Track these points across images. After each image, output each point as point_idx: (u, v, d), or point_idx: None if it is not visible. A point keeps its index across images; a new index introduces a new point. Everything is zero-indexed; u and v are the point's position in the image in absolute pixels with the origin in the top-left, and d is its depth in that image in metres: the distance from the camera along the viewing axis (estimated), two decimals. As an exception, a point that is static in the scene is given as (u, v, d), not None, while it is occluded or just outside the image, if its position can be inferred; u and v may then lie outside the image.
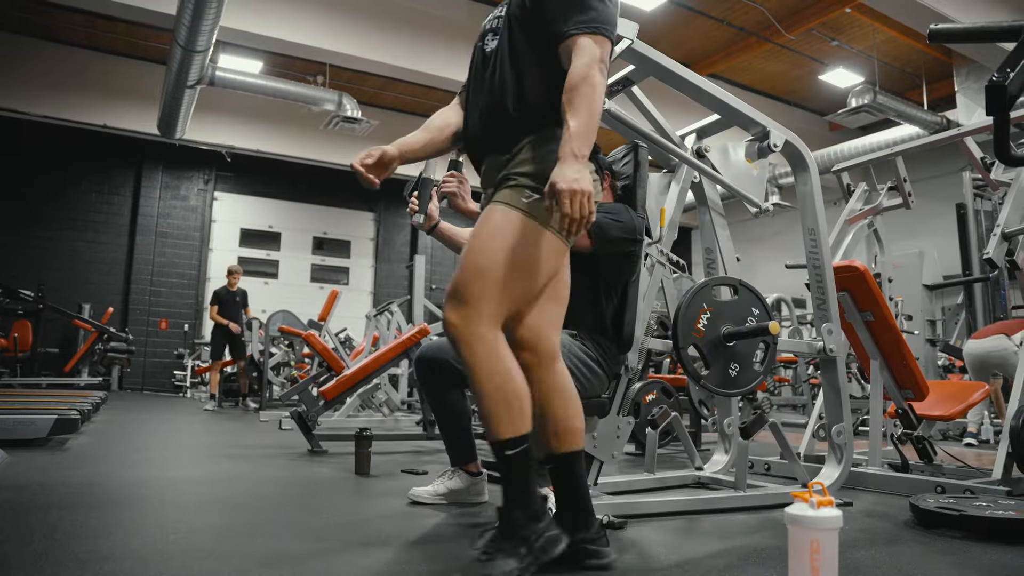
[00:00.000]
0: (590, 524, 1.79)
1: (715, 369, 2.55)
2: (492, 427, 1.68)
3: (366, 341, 8.30)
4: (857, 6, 8.95)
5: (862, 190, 4.49)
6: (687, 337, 2.50)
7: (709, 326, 2.54)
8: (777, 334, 2.57)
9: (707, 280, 2.61)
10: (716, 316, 2.56)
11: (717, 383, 2.56)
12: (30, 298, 10.26)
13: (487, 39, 1.98)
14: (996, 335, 5.47)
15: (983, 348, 5.55)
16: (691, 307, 2.53)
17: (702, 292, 2.57)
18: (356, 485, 3.16)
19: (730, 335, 2.55)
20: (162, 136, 10.75)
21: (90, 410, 5.15)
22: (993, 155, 1.58)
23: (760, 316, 2.64)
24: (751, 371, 2.60)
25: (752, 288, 2.69)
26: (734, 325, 2.58)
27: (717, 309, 2.57)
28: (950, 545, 2.16)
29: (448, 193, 2.45)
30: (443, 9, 9.57)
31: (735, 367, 2.58)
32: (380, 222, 14.97)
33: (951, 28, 2.07)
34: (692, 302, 2.53)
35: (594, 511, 1.84)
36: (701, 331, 2.53)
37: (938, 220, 10.71)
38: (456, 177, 2.43)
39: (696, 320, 2.52)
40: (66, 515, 2.26)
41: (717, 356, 2.55)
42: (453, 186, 2.44)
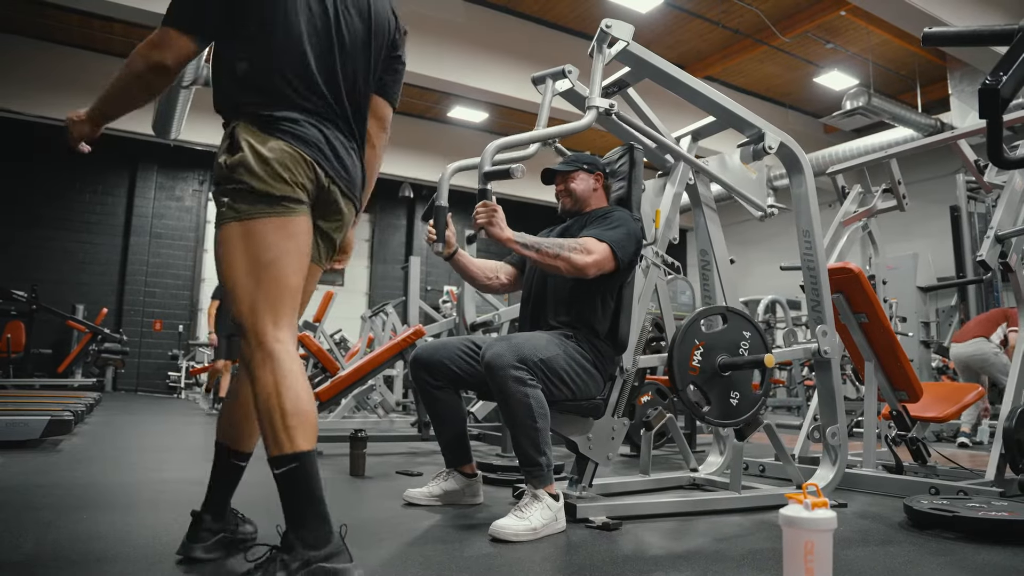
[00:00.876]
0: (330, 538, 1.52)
1: (716, 402, 2.54)
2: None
3: (361, 342, 8.30)
4: (852, 9, 8.97)
5: (857, 192, 4.50)
6: (684, 377, 2.49)
7: (704, 361, 2.52)
8: (773, 367, 2.57)
9: (694, 315, 2.57)
10: (709, 349, 2.54)
11: (720, 416, 2.55)
12: (23, 298, 10.22)
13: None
14: (975, 339, 5.51)
15: (965, 352, 5.59)
16: (683, 346, 2.50)
17: (691, 328, 2.53)
18: (351, 486, 3.15)
19: (726, 366, 2.54)
20: (157, 137, 10.74)
21: (84, 411, 5.14)
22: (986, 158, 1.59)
23: (752, 338, 2.62)
24: (751, 396, 2.60)
25: (740, 312, 2.68)
26: (728, 354, 2.57)
27: (709, 342, 2.55)
28: (944, 546, 2.17)
29: (483, 225, 2.36)
30: (439, 11, 9.57)
31: (735, 396, 2.57)
32: (375, 223, 14.97)
33: (945, 32, 2.07)
34: (683, 341, 2.51)
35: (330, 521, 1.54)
36: (697, 368, 2.51)
37: (932, 222, 10.75)
38: (487, 207, 2.34)
39: (690, 358, 2.50)
40: (59, 517, 2.25)
41: (716, 388, 2.54)
42: (485, 217, 2.35)
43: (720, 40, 10.58)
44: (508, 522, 2.14)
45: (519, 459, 2.31)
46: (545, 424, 2.27)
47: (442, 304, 9.49)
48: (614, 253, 2.45)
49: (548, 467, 2.28)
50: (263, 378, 1.56)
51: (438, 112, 13.04)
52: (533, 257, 2.39)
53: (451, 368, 2.55)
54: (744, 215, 3.13)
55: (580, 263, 2.39)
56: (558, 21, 10.26)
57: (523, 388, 2.23)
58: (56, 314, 10.62)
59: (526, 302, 2.74)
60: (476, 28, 9.85)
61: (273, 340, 1.60)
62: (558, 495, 2.28)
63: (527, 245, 2.38)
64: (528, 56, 9.91)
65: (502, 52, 9.99)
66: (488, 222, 2.34)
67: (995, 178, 3.75)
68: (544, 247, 2.38)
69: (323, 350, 6.97)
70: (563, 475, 2.84)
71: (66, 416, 4.16)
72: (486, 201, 2.32)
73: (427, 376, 2.58)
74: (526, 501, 2.22)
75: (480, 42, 9.88)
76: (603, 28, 2.52)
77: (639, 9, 9.33)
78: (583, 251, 2.41)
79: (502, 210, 2.37)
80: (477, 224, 2.35)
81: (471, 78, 9.86)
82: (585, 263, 2.40)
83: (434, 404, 2.62)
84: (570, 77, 2.71)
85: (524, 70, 8.43)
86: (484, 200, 2.32)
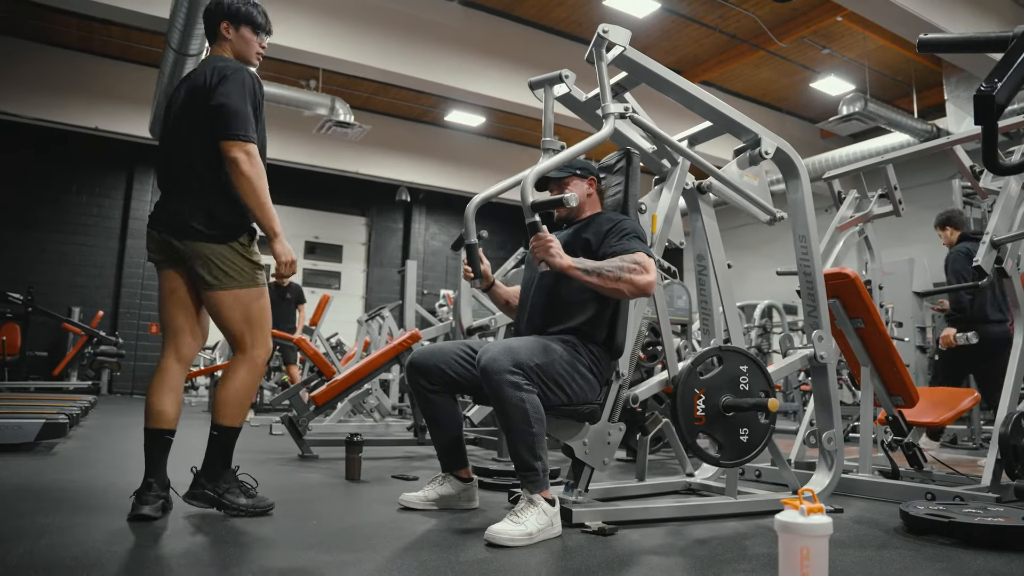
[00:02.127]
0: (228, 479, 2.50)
1: (728, 444, 2.53)
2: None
3: (357, 346, 8.29)
4: (848, 15, 8.99)
5: (853, 197, 4.51)
6: (692, 430, 2.48)
7: (708, 407, 2.51)
8: (776, 410, 2.55)
9: (689, 365, 2.53)
10: (711, 394, 2.53)
11: (735, 456, 2.55)
12: (19, 301, 10.19)
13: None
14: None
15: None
16: (684, 399, 2.48)
17: (689, 380, 2.51)
18: (346, 490, 3.15)
19: (730, 407, 2.53)
20: (154, 139, 10.72)
21: (79, 414, 5.13)
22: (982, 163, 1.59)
23: (750, 370, 2.61)
24: (760, 427, 2.59)
25: (733, 348, 2.66)
26: (730, 392, 2.56)
27: (709, 387, 2.53)
28: (940, 551, 2.17)
29: (543, 259, 2.25)
30: (436, 14, 9.58)
31: (744, 432, 2.56)
32: (372, 227, 14.96)
33: (941, 38, 2.07)
34: (684, 394, 2.48)
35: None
36: (702, 417, 2.50)
37: (928, 227, 10.68)
38: (541, 239, 2.24)
39: (694, 409, 2.49)
40: (54, 520, 2.24)
41: (724, 429, 2.53)
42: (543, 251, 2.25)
43: (717, 45, 10.61)
44: (504, 527, 2.13)
45: (515, 464, 2.31)
46: (541, 429, 2.27)
47: (438, 308, 9.48)
48: (656, 264, 2.47)
49: (544, 472, 2.28)
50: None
51: (435, 116, 13.04)
52: (594, 283, 2.33)
53: (447, 372, 2.55)
54: (740, 220, 3.13)
55: (642, 283, 2.36)
56: (555, 26, 10.27)
57: (519, 393, 2.23)
58: (52, 316, 10.59)
59: (523, 307, 2.73)
60: (473, 32, 9.86)
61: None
62: (554, 500, 2.28)
63: (588, 271, 2.32)
64: (525, 60, 9.92)
65: (499, 56, 10.00)
66: (547, 255, 2.26)
67: (991, 184, 3.76)
68: (605, 271, 2.33)
69: (319, 354, 6.95)
70: (559, 480, 2.84)
71: (61, 419, 4.15)
72: (539, 234, 2.24)
73: (423, 380, 2.58)
74: (522, 506, 2.22)
75: (477, 46, 9.89)
76: (600, 33, 2.52)
77: (636, 14, 9.35)
78: (641, 270, 2.37)
79: (557, 239, 2.29)
80: (538, 259, 2.26)
81: (468, 82, 9.87)
82: (648, 282, 2.37)
83: (430, 408, 2.62)
84: (567, 82, 2.71)
85: (521, 74, 8.45)
86: (537, 233, 2.24)
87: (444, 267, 15.45)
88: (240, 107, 2.37)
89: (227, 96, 2.37)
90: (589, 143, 2.39)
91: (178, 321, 2.53)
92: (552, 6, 9.78)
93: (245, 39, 2.57)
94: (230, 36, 2.56)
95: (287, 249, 2.45)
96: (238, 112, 2.36)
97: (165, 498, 2.40)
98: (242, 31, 2.57)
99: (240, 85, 2.39)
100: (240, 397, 2.51)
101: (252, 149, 2.36)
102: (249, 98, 2.41)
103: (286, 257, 2.45)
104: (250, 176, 2.35)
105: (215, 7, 2.56)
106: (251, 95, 2.42)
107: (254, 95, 2.44)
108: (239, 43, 2.57)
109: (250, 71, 2.50)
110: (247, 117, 2.37)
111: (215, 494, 2.45)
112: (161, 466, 2.43)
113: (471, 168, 13.77)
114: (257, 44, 2.61)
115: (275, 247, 2.44)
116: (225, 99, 2.36)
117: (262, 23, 2.61)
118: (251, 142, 2.36)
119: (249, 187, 2.36)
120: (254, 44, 2.60)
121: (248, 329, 2.49)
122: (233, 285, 2.44)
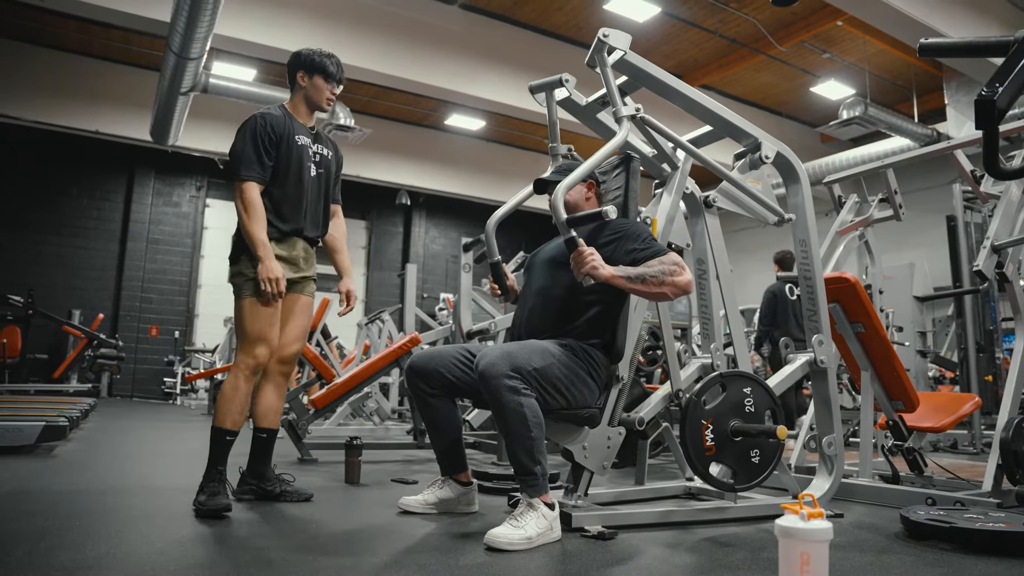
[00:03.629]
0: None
1: (740, 469, 2.52)
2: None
3: (357, 349, 8.28)
4: (848, 19, 9.01)
5: (853, 202, 4.51)
6: (703, 460, 2.47)
7: (716, 435, 2.50)
8: (784, 438, 2.52)
9: (694, 397, 2.51)
10: (718, 422, 2.51)
11: (748, 479, 2.54)
12: (20, 303, 10.21)
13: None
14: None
15: None
16: (693, 432, 2.47)
17: (695, 413, 2.49)
18: (346, 494, 3.14)
19: (738, 432, 2.52)
20: (155, 142, 10.74)
21: (79, 417, 5.12)
22: (982, 168, 1.59)
23: (754, 392, 2.60)
24: (770, 446, 2.58)
25: (735, 373, 2.65)
26: (738, 417, 2.55)
27: (716, 415, 2.52)
28: (940, 557, 2.16)
29: (588, 272, 2.22)
30: (436, 18, 9.60)
31: (755, 453, 2.55)
32: (372, 230, 14.97)
33: (941, 43, 2.07)
34: (692, 428, 2.46)
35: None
36: (712, 447, 2.49)
37: (928, 232, 10.76)
38: (581, 254, 2.21)
39: (703, 440, 2.47)
40: (52, 523, 2.24)
41: (735, 454, 2.52)
42: (587, 265, 2.22)
43: (717, 49, 10.62)
44: (503, 531, 2.13)
45: (514, 468, 2.30)
46: (540, 433, 2.26)
47: (438, 312, 9.49)
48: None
49: (543, 476, 2.27)
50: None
51: (435, 120, 13.06)
52: (639, 288, 2.33)
53: (446, 376, 2.55)
54: (740, 224, 3.13)
55: (683, 282, 2.36)
56: (556, 30, 10.29)
57: (517, 398, 2.23)
58: (52, 319, 10.61)
59: (521, 310, 2.73)
60: (473, 36, 9.88)
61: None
62: (554, 504, 2.27)
63: (631, 278, 2.31)
64: (526, 64, 9.94)
65: (500, 60, 10.02)
66: (591, 269, 2.23)
67: (991, 188, 3.76)
68: (648, 277, 2.32)
69: (319, 357, 6.96)
70: (558, 484, 2.83)
71: (61, 422, 4.15)
72: (580, 249, 2.23)
73: (422, 384, 2.58)
74: (521, 510, 2.21)
75: (478, 50, 9.91)
76: (600, 37, 2.52)
77: (636, 18, 9.37)
78: (680, 270, 2.37)
79: (596, 251, 2.27)
80: (583, 273, 2.23)
81: (468, 86, 9.89)
82: (688, 280, 2.37)
83: (429, 412, 2.61)
84: (567, 86, 2.71)
85: (521, 78, 8.46)
86: (577, 249, 2.23)
87: (444, 271, 15.46)
88: (238, 150, 2.77)
89: (233, 143, 2.82)
90: (608, 150, 2.37)
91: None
92: (552, 10, 9.79)
93: (317, 87, 2.93)
94: (304, 84, 2.93)
95: (268, 267, 2.68)
96: (234, 155, 2.78)
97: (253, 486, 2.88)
98: (315, 80, 2.92)
99: (242, 131, 2.81)
100: (221, 401, 2.76)
101: (243, 186, 2.73)
102: (250, 138, 2.78)
103: (264, 274, 2.67)
104: (238, 209, 2.75)
105: (294, 58, 2.94)
106: (253, 135, 2.79)
107: (255, 134, 2.79)
108: (312, 90, 2.94)
109: (261, 114, 2.84)
110: (241, 158, 2.75)
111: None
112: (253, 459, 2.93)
113: (471, 172, 13.78)
114: (328, 91, 2.96)
115: (258, 268, 2.69)
116: (232, 146, 2.81)
117: (333, 72, 2.94)
118: (242, 180, 2.73)
119: (240, 218, 2.75)
120: (324, 91, 2.95)
121: (238, 336, 2.80)
122: (237, 295, 2.79)
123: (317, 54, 2.92)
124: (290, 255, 2.87)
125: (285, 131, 2.85)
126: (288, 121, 2.88)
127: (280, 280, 2.68)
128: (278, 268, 2.70)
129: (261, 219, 2.72)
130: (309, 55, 2.92)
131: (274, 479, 2.89)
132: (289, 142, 2.84)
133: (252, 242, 2.69)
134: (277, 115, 2.87)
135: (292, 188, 2.85)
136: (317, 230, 2.99)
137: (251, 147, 2.76)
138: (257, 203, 2.73)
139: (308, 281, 2.99)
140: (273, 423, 2.92)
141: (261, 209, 2.74)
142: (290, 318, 2.91)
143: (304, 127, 2.94)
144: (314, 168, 2.93)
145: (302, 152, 2.88)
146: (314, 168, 2.93)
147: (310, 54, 2.92)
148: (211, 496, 2.54)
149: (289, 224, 2.85)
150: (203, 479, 2.62)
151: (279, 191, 2.83)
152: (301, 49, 2.96)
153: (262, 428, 2.90)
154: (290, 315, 2.91)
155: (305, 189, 2.89)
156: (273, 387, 2.92)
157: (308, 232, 2.92)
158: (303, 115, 2.96)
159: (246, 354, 2.74)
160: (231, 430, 2.73)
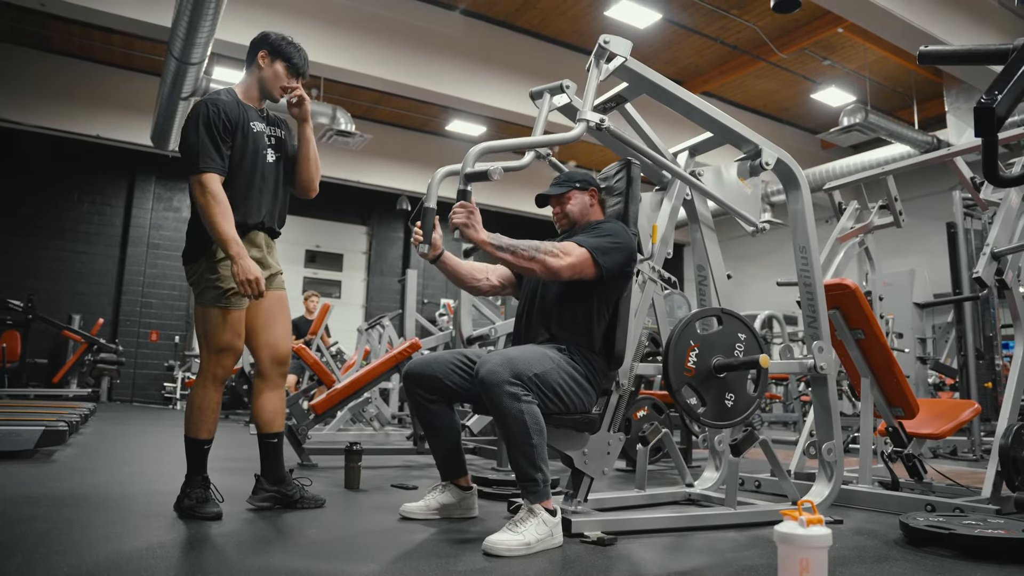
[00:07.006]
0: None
1: (711, 403, 2.54)
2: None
3: (357, 355, 8.28)
4: (849, 26, 9.03)
5: (853, 208, 4.52)
6: (679, 378, 2.49)
7: (699, 362, 2.52)
8: (767, 367, 2.55)
9: (689, 316, 2.58)
10: (704, 350, 2.54)
11: (714, 416, 2.55)
12: (19, 308, 10.20)
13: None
14: None
15: None
16: (678, 347, 2.50)
17: (687, 330, 2.54)
18: (346, 499, 3.14)
19: (720, 367, 2.54)
20: (156, 148, 10.74)
21: (78, 422, 5.11)
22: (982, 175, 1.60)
23: (747, 340, 2.62)
24: (746, 397, 2.60)
25: (735, 315, 2.68)
26: (723, 355, 2.57)
27: (704, 343, 2.55)
28: (940, 563, 2.16)
29: (459, 224, 2.32)
30: (437, 24, 9.62)
31: (730, 396, 2.57)
32: (373, 235, 14.97)
33: (941, 50, 2.08)
34: (679, 342, 2.51)
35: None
36: (692, 369, 2.51)
37: (928, 239, 10.77)
38: (465, 207, 2.31)
39: (685, 359, 2.50)
40: (52, 528, 2.24)
41: (711, 389, 2.53)
42: (463, 217, 2.31)
43: (718, 56, 10.64)
44: (502, 537, 2.13)
45: (515, 474, 2.30)
46: (541, 439, 2.26)
47: (439, 317, 9.49)
48: (594, 259, 2.44)
49: (544, 482, 2.27)
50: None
51: (436, 125, 13.08)
52: (508, 259, 2.36)
53: (444, 382, 2.55)
54: (740, 230, 3.14)
55: (555, 265, 2.39)
56: (557, 36, 10.31)
57: (518, 404, 2.23)
58: (52, 324, 10.60)
59: (521, 315, 2.74)
60: (475, 42, 9.90)
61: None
62: (555, 510, 2.27)
63: (502, 247, 2.34)
64: (527, 71, 9.95)
65: (501, 66, 10.03)
66: (465, 223, 2.31)
67: (991, 195, 3.77)
68: (519, 249, 2.35)
69: (319, 362, 6.96)
70: (558, 490, 2.83)
71: (61, 427, 4.14)
72: (464, 202, 2.30)
73: (420, 390, 2.58)
74: (521, 516, 2.21)
75: (479, 56, 9.92)
76: (601, 44, 2.53)
77: (637, 25, 9.39)
78: (560, 254, 2.40)
79: (479, 212, 2.34)
80: (454, 224, 2.32)
81: (470, 92, 9.90)
82: (560, 265, 2.39)
83: (428, 418, 2.62)
84: (568, 92, 2.72)
85: (523, 84, 8.47)
86: (463, 201, 2.30)
87: (444, 277, 15.44)
88: (192, 141, 2.57)
89: (183, 135, 2.63)
90: (552, 139, 2.45)
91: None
92: (554, 16, 9.81)
93: (277, 74, 2.75)
94: (263, 66, 2.74)
95: (244, 267, 2.49)
96: (189, 147, 2.58)
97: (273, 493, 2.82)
98: (276, 65, 2.74)
99: (193, 121, 2.59)
100: (193, 412, 2.71)
101: (203, 179, 2.53)
102: (204, 128, 2.57)
103: (242, 275, 2.49)
104: (199, 204, 2.54)
105: (260, 38, 2.77)
106: (207, 124, 2.57)
107: (208, 123, 2.57)
108: (270, 76, 2.75)
109: (211, 100, 2.64)
110: (198, 149, 2.55)
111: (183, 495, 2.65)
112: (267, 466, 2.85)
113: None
114: (286, 81, 2.76)
115: (232, 268, 2.51)
116: (182, 138, 2.63)
117: (298, 63, 2.78)
118: (200, 173, 2.54)
119: (201, 213, 2.55)
120: (282, 80, 2.75)
121: (203, 344, 2.68)
122: (199, 299, 2.68)
123: (286, 41, 2.76)
124: (260, 255, 2.73)
125: (239, 119, 2.66)
126: (240, 108, 2.69)
127: (260, 280, 2.50)
128: (255, 267, 2.52)
129: (228, 214, 2.53)
130: (278, 39, 2.75)
131: (293, 484, 2.84)
132: (244, 130, 2.67)
133: (222, 240, 2.50)
134: (228, 101, 2.67)
135: (250, 179, 2.68)
136: (277, 221, 2.85)
137: (207, 137, 2.56)
138: (222, 196, 2.53)
139: (276, 276, 2.86)
140: (280, 426, 2.87)
141: (227, 202, 2.54)
142: (273, 317, 2.80)
143: (256, 112, 2.76)
144: (271, 153, 2.76)
145: (258, 140, 2.71)
146: (271, 153, 2.76)
147: (279, 38, 2.75)
148: (200, 503, 2.54)
149: (251, 218, 2.69)
150: (185, 485, 2.61)
151: (237, 183, 2.64)
152: (270, 31, 2.79)
153: (271, 433, 2.84)
154: (272, 314, 2.80)
155: (265, 179, 2.73)
156: (273, 389, 2.84)
157: (268, 223, 2.78)
158: (254, 100, 2.78)
159: (215, 364, 2.65)
160: (207, 439, 2.69)
